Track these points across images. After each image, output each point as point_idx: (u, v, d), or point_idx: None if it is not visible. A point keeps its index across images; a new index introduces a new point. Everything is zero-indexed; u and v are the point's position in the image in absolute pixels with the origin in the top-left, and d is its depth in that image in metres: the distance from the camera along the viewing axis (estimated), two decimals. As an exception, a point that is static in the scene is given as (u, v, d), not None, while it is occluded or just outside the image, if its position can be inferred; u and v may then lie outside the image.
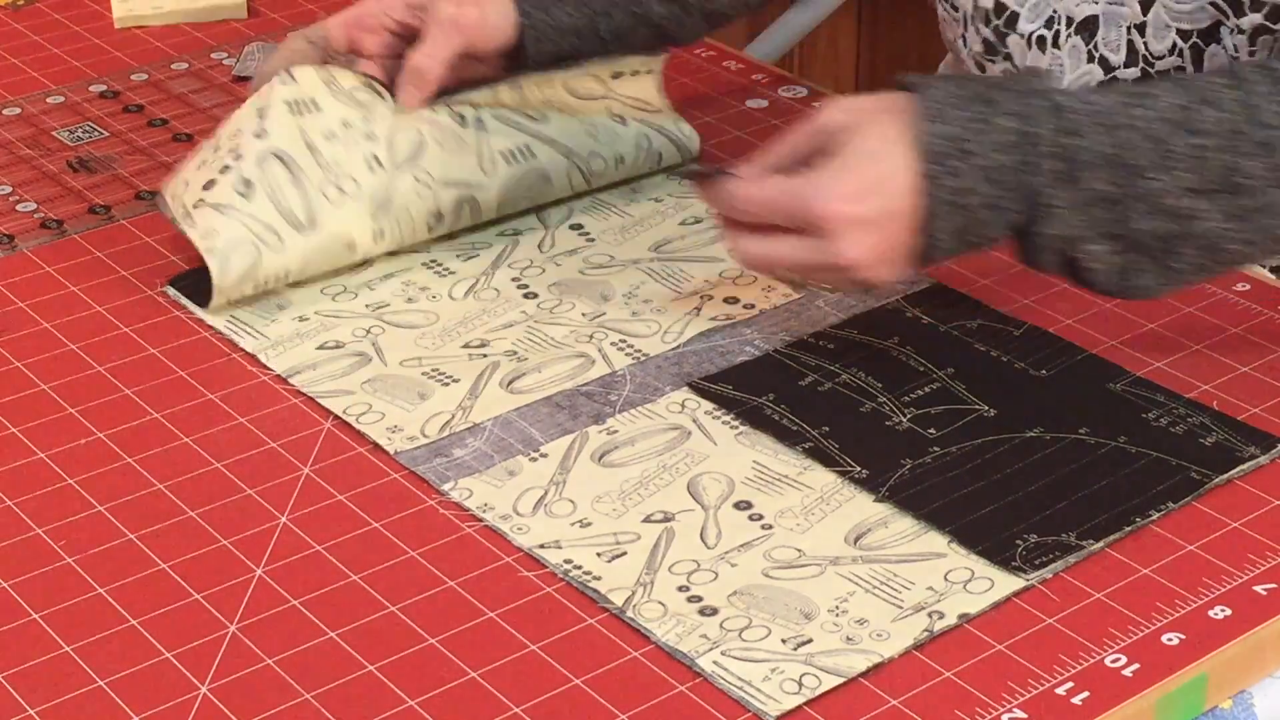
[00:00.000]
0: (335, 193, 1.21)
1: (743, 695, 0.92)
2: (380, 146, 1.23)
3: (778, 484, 1.06)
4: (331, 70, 1.24)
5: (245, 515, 1.04)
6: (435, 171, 1.24)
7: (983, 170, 1.03)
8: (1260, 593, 0.98)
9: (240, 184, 1.20)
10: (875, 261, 1.05)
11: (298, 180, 1.20)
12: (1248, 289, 1.22)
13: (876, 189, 1.04)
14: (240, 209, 1.19)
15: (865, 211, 1.04)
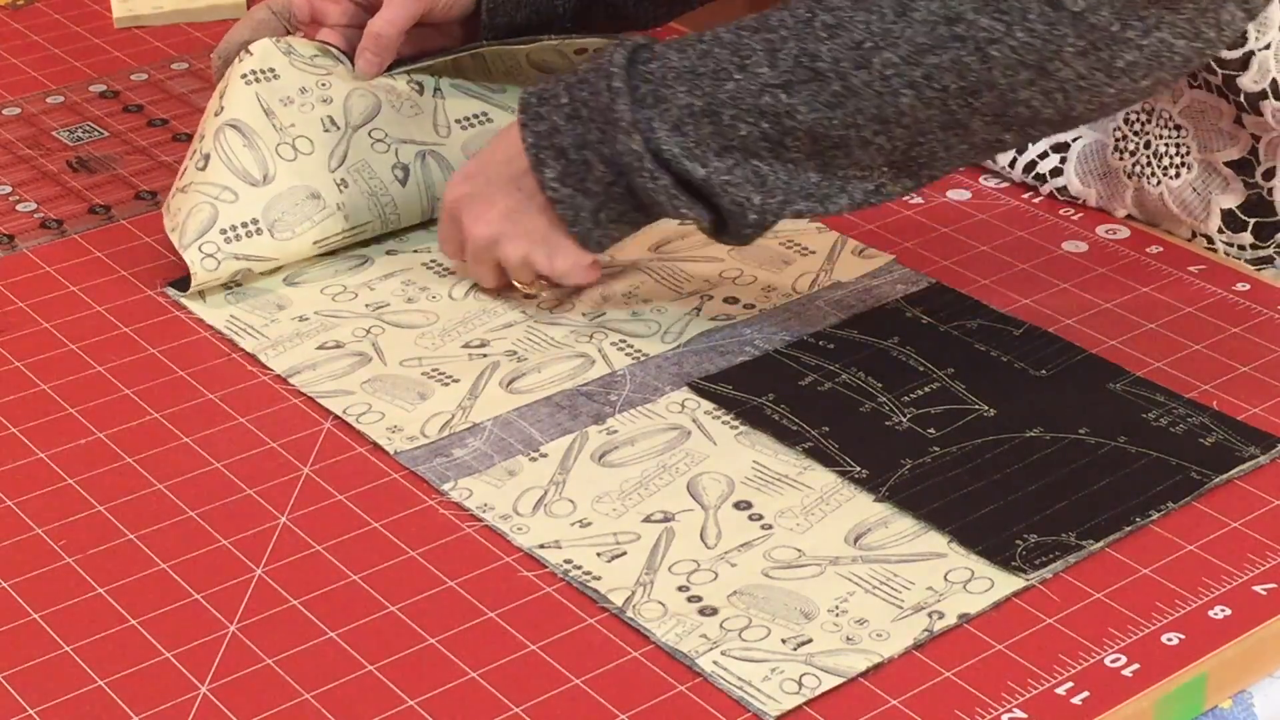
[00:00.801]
0: (290, 151, 1.23)
1: (743, 695, 0.92)
2: (336, 109, 1.25)
3: (778, 484, 1.06)
4: (291, 40, 1.26)
5: (245, 515, 1.04)
6: (391, 131, 1.27)
7: (561, 108, 1.11)
8: (1260, 593, 0.98)
9: (199, 160, 1.22)
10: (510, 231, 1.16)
11: (251, 143, 1.22)
12: (1248, 289, 1.22)
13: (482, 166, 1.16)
14: (198, 182, 1.22)
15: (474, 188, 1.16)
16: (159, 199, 1.35)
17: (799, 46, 1.05)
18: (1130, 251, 1.27)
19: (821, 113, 1.06)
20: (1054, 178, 1.32)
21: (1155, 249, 1.27)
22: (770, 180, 1.09)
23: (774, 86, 1.06)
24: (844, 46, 1.05)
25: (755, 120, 1.07)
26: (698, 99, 1.07)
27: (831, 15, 1.05)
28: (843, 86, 1.05)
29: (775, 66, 1.06)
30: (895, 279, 1.24)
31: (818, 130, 1.06)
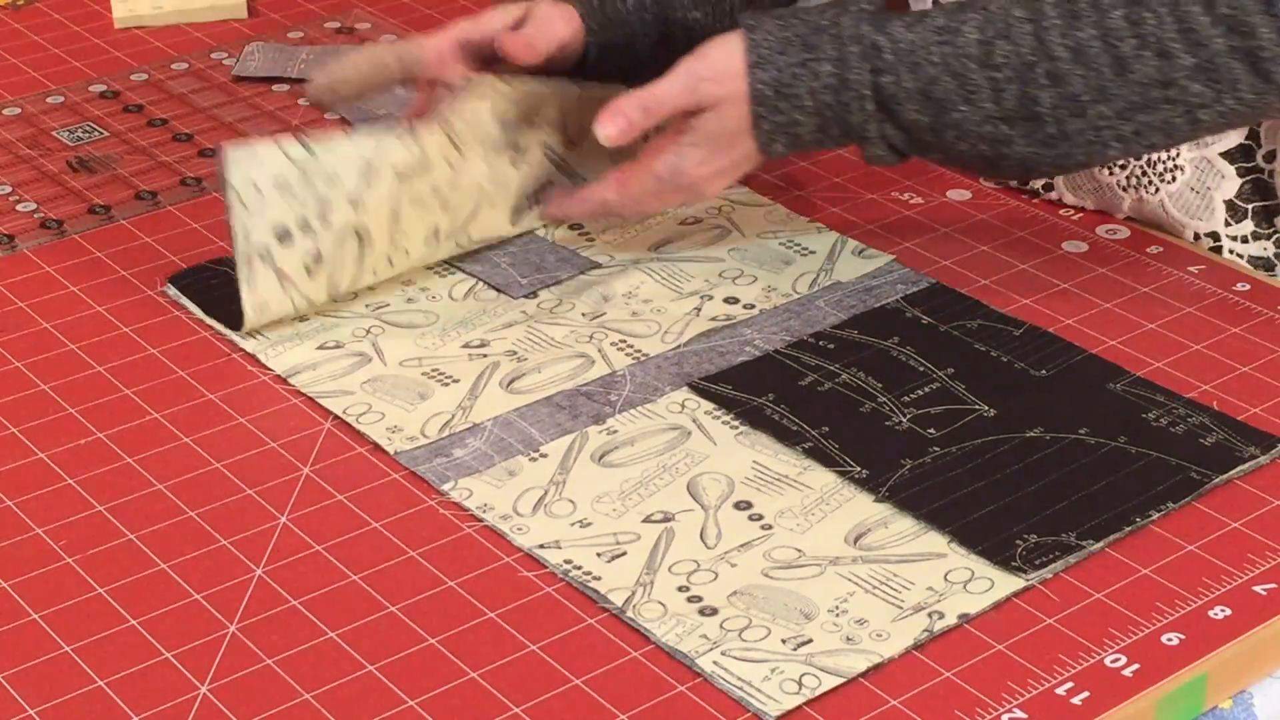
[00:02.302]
0: (385, 265, 1.21)
1: (743, 695, 0.92)
2: (445, 217, 1.22)
3: (778, 484, 1.06)
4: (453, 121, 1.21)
5: (245, 515, 1.04)
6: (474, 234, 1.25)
7: (804, 108, 1.17)
8: (1260, 593, 0.98)
9: (311, 258, 1.17)
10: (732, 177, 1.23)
11: (362, 256, 1.19)
12: (1247, 289, 1.22)
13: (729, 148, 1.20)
14: (299, 285, 1.17)
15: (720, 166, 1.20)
16: (159, 199, 1.35)
17: (1021, 90, 1.13)
18: (1130, 251, 1.27)
19: (1035, 149, 1.15)
20: (1046, 191, 1.32)
21: (1155, 249, 1.27)
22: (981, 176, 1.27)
23: (996, 118, 1.14)
24: (1063, 96, 1.12)
25: (975, 142, 1.16)
26: (925, 118, 1.15)
27: (1053, 65, 1.12)
28: (1058, 130, 1.13)
29: (999, 104, 1.14)
30: (895, 279, 1.24)
31: (1029, 163, 1.16)
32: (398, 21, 1.61)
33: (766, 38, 1.17)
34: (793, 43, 1.17)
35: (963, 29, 1.14)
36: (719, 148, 1.19)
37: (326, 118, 1.45)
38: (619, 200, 1.23)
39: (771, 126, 1.18)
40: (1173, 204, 1.28)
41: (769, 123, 1.17)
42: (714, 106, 1.18)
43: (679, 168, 1.20)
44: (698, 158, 1.20)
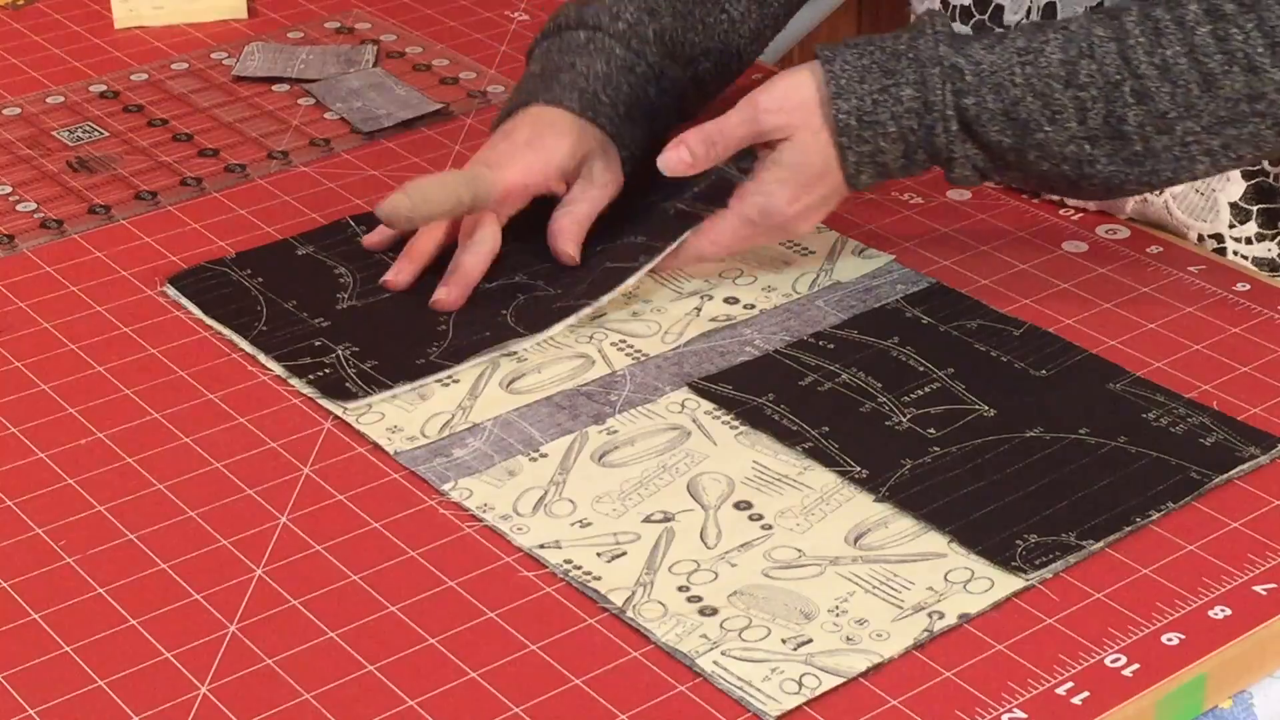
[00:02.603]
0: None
1: (743, 695, 0.92)
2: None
3: (778, 484, 1.06)
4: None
5: (245, 515, 1.04)
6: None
7: (889, 135, 1.17)
8: (1260, 593, 0.98)
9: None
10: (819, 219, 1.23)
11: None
12: (1248, 289, 1.22)
13: (817, 183, 1.19)
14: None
15: (810, 203, 1.20)
16: (159, 199, 1.35)
17: (1107, 108, 1.14)
18: (1130, 251, 1.27)
19: (1120, 167, 1.15)
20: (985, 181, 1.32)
21: (1155, 249, 1.27)
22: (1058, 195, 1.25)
23: (1080, 138, 1.15)
24: (1150, 114, 1.14)
25: (1058, 163, 1.16)
26: (1008, 138, 1.16)
27: (1140, 83, 1.13)
28: (1144, 148, 1.15)
29: (1084, 124, 1.15)
30: (895, 279, 1.24)
31: (1113, 182, 1.17)
32: (397, 21, 1.61)
33: (844, 67, 1.17)
34: (871, 70, 1.17)
35: (1045, 49, 1.15)
36: (805, 183, 1.18)
37: (326, 117, 1.45)
38: (713, 250, 1.22)
39: (857, 157, 1.17)
40: (1177, 205, 1.28)
41: (854, 153, 1.17)
42: (787, 137, 1.18)
43: (768, 209, 1.19)
44: (786, 195, 1.19)
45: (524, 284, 1.23)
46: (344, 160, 1.40)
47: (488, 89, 1.49)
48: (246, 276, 1.25)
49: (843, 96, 1.16)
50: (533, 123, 1.26)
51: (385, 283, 1.23)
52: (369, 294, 1.23)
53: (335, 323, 1.20)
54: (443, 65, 1.54)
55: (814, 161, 1.18)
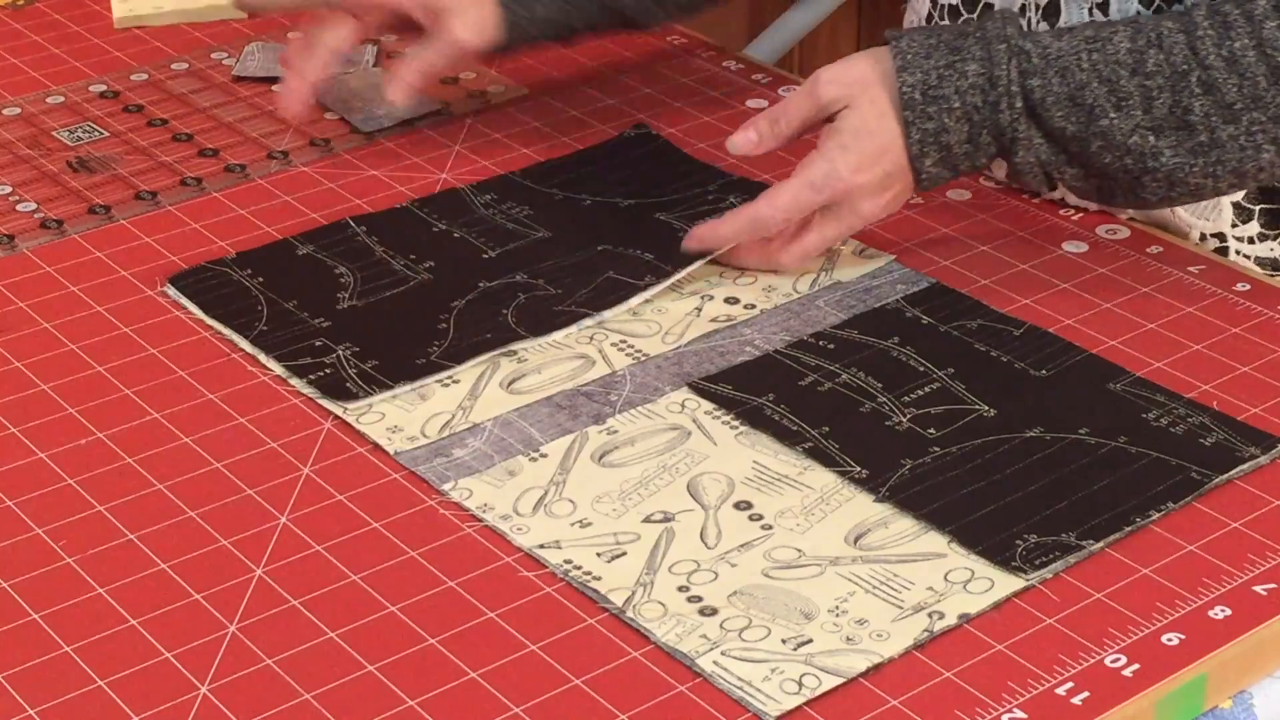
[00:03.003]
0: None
1: (743, 695, 0.92)
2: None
3: (778, 484, 1.06)
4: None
5: (245, 515, 1.04)
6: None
7: (952, 111, 1.17)
8: (1260, 593, 0.98)
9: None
10: (886, 209, 1.21)
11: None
12: (1248, 289, 1.22)
13: (880, 157, 1.18)
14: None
15: (874, 177, 1.19)
16: (159, 199, 1.35)
17: (1173, 98, 1.14)
18: (1130, 251, 1.27)
19: (1185, 158, 1.16)
20: (1048, 187, 1.32)
21: (1155, 249, 1.27)
22: (1115, 199, 1.21)
23: (1145, 128, 1.15)
24: (1216, 104, 1.14)
25: (1121, 155, 1.16)
26: (1073, 125, 1.16)
27: (1207, 74, 1.14)
28: (1209, 138, 1.15)
29: (1149, 112, 1.15)
30: (895, 279, 1.24)
31: (1176, 175, 1.16)
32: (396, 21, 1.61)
33: (911, 44, 1.18)
34: (938, 47, 1.18)
35: (1113, 38, 1.16)
36: (867, 153, 1.18)
37: (327, 117, 1.45)
38: (770, 212, 1.20)
39: (920, 134, 1.17)
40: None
41: (918, 129, 1.17)
42: (846, 107, 1.18)
43: (830, 174, 1.18)
44: (848, 163, 1.18)
45: (525, 283, 1.23)
46: (344, 160, 1.40)
47: (488, 89, 1.49)
48: (247, 276, 1.25)
49: (908, 70, 1.17)
50: None
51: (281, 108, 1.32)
52: (370, 294, 1.23)
53: (336, 323, 1.20)
54: (443, 65, 1.54)
55: (874, 129, 1.18)
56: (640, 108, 1.46)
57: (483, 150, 1.41)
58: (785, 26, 1.92)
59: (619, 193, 1.33)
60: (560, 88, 1.50)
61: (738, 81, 1.50)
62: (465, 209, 1.32)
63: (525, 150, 1.40)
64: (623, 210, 1.31)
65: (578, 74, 1.51)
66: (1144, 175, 1.17)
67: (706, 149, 1.39)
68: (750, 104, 1.46)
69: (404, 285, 1.24)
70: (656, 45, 1.56)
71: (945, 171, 1.20)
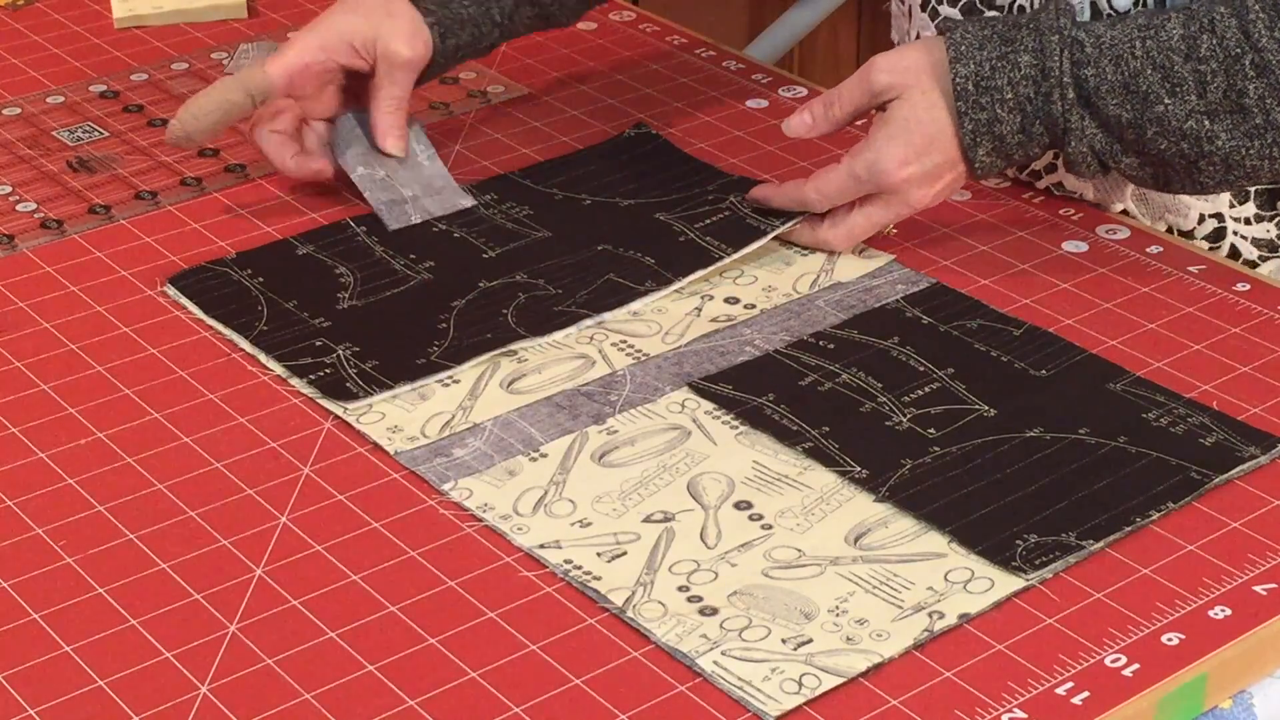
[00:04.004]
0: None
1: (743, 695, 0.92)
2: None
3: (778, 484, 1.06)
4: None
5: (245, 515, 1.04)
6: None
7: (1006, 102, 1.18)
8: (1260, 593, 0.98)
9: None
10: (938, 198, 1.23)
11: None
12: (1248, 289, 1.22)
13: (929, 148, 1.20)
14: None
15: (923, 168, 1.20)
16: (159, 199, 1.35)
17: (1228, 81, 1.15)
18: (1130, 251, 1.27)
19: (1240, 141, 1.16)
20: (1049, 174, 1.32)
21: (1155, 249, 1.27)
22: (1173, 186, 1.21)
23: (1199, 113, 1.16)
24: (1270, 86, 1.15)
25: (1176, 140, 1.17)
26: (1127, 112, 1.17)
27: (1260, 56, 1.14)
28: (1264, 120, 1.15)
29: (1204, 97, 1.16)
30: (895, 279, 1.24)
31: (1234, 158, 1.17)
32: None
33: (965, 35, 1.19)
34: (991, 39, 1.18)
35: (1166, 25, 1.16)
36: (915, 146, 1.19)
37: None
38: (815, 198, 1.23)
39: (973, 124, 1.18)
40: None
41: (970, 120, 1.18)
42: (897, 96, 1.20)
43: (876, 165, 1.20)
44: (895, 155, 1.19)
45: (524, 283, 1.23)
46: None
47: (488, 89, 1.50)
48: (247, 276, 1.25)
49: (961, 61, 1.18)
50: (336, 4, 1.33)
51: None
52: (370, 294, 1.23)
53: (336, 323, 1.20)
54: (443, 65, 1.54)
55: (923, 120, 1.19)
56: (640, 108, 1.46)
57: (483, 150, 1.41)
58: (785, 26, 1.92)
59: (619, 192, 1.33)
60: (560, 88, 1.50)
61: (738, 81, 1.50)
62: (465, 209, 1.32)
63: (525, 150, 1.41)
64: (623, 210, 1.31)
65: (578, 74, 1.52)
66: (1201, 160, 1.17)
67: (706, 149, 1.40)
68: (750, 104, 1.46)
69: (404, 285, 1.24)
70: (656, 45, 1.56)
71: (999, 160, 1.20)
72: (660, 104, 1.47)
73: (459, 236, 1.29)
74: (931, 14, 1.37)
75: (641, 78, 1.51)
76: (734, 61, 1.53)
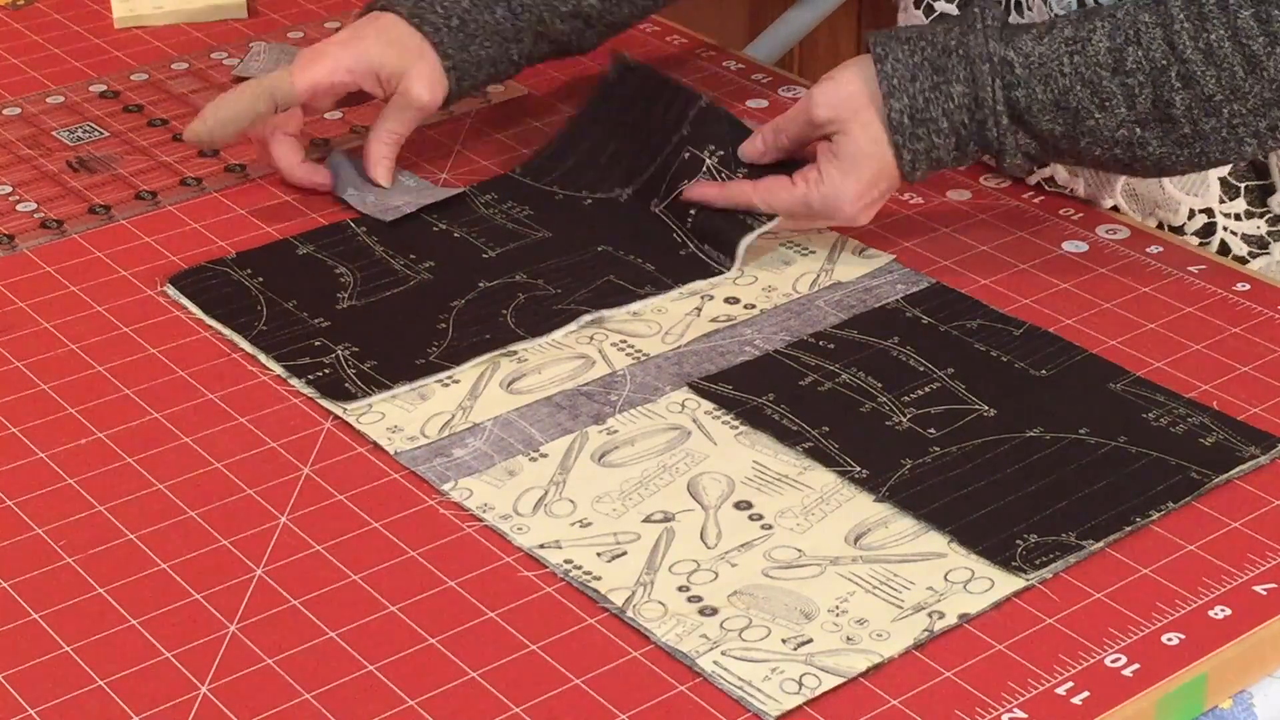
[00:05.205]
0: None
1: (743, 695, 0.92)
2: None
3: (778, 484, 1.06)
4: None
5: (245, 515, 1.04)
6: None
7: (941, 130, 1.20)
8: (1260, 593, 0.98)
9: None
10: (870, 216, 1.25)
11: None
12: (1248, 289, 1.22)
13: (878, 179, 1.22)
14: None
15: (872, 198, 1.23)
16: (159, 199, 1.35)
17: (1155, 93, 1.16)
18: (1130, 251, 1.27)
19: (1170, 149, 1.18)
20: (1040, 168, 1.32)
21: (1155, 249, 1.27)
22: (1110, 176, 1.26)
23: (1130, 122, 1.17)
24: (1196, 97, 1.16)
25: (1110, 147, 1.19)
26: (1059, 126, 1.19)
27: (1185, 68, 1.15)
28: (1192, 130, 1.17)
29: (1133, 109, 1.17)
30: (895, 279, 1.24)
31: (1165, 164, 1.19)
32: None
33: (896, 66, 1.20)
34: (923, 67, 1.20)
35: (1092, 38, 1.17)
36: (866, 178, 1.21)
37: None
38: (762, 207, 1.24)
39: (912, 155, 1.20)
40: (1169, 180, 1.29)
41: (909, 150, 1.20)
42: (839, 130, 1.21)
43: (833, 200, 1.22)
44: (851, 191, 1.21)
45: (524, 283, 1.23)
46: (345, 160, 1.40)
47: (488, 89, 1.49)
48: (247, 276, 1.25)
49: (894, 95, 1.19)
50: (362, 23, 1.33)
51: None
52: (369, 294, 1.23)
53: (335, 323, 1.20)
54: (443, 65, 1.54)
55: (869, 152, 1.21)
56: (640, 108, 1.46)
57: (483, 150, 1.41)
58: (785, 26, 1.92)
59: (616, 181, 1.33)
60: (560, 88, 1.50)
61: (738, 81, 1.50)
62: (466, 209, 1.32)
63: (525, 150, 1.40)
64: (622, 207, 1.31)
65: (578, 74, 1.51)
66: (1134, 163, 1.19)
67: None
68: (750, 104, 1.46)
69: (404, 285, 1.24)
70: (656, 45, 1.56)
71: (934, 171, 1.23)
72: (660, 104, 1.46)
73: (459, 236, 1.29)
74: (926, 10, 1.37)
75: (641, 78, 1.50)
76: (734, 61, 1.53)
